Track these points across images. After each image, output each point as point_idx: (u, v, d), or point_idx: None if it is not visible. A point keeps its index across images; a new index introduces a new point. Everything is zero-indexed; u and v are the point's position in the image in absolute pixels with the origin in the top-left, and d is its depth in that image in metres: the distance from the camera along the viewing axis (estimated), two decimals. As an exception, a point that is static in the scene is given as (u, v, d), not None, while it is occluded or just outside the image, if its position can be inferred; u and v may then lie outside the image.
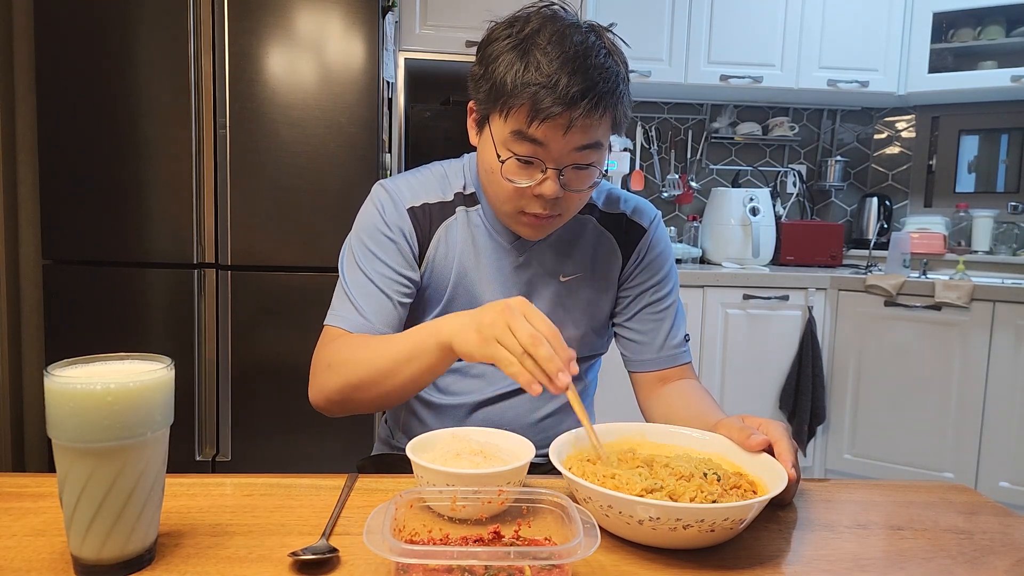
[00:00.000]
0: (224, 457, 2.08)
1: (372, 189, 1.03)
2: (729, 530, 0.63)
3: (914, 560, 0.65)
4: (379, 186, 1.03)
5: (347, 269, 0.99)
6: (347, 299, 0.97)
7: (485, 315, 0.75)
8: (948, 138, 3.16)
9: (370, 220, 1.00)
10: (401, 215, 1.00)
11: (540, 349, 0.70)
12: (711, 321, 2.66)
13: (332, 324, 0.96)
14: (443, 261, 1.01)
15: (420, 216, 1.01)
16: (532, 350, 0.70)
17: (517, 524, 0.62)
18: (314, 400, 0.93)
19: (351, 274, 0.98)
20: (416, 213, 1.00)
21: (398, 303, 0.97)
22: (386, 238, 0.98)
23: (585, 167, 0.89)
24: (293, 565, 0.59)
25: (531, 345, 0.70)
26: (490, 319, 0.74)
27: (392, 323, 0.97)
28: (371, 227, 0.99)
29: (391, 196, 1.01)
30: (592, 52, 0.84)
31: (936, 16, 2.83)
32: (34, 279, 2.21)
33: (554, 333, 0.72)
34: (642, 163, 3.23)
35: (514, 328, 0.72)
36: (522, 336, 0.71)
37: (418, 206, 1.01)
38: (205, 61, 1.98)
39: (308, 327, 2.07)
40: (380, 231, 0.98)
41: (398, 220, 0.99)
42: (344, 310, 0.96)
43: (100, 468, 0.55)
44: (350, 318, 0.95)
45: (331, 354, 0.91)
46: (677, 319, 1.07)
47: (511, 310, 0.73)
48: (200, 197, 2.01)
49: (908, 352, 2.57)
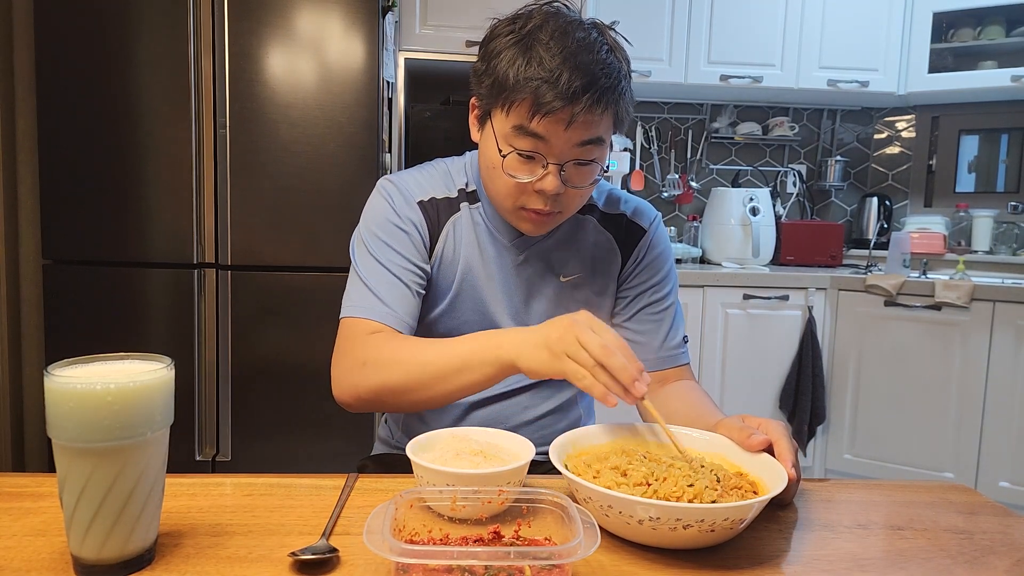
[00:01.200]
0: (224, 457, 2.08)
1: (377, 184, 1.02)
2: (729, 530, 0.63)
3: (914, 560, 0.65)
4: (385, 180, 1.02)
5: (360, 260, 0.97)
6: (366, 289, 0.94)
7: (552, 330, 0.75)
8: (948, 138, 3.16)
9: (380, 212, 0.99)
10: (412, 207, 0.99)
11: (613, 360, 0.70)
12: (711, 321, 2.66)
13: (355, 315, 0.93)
14: (451, 256, 1.01)
15: (430, 210, 1.00)
16: (605, 361, 0.71)
17: (517, 524, 0.62)
18: (340, 396, 0.90)
19: (366, 264, 0.96)
20: (426, 207, 1.00)
21: (416, 292, 0.96)
22: (398, 228, 0.97)
23: (586, 163, 0.89)
24: (293, 565, 0.59)
25: (603, 356, 0.71)
26: (558, 334, 0.74)
27: (412, 312, 0.95)
28: (382, 218, 0.98)
29: (399, 189, 1.00)
30: (594, 48, 0.84)
31: (936, 16, 2.83)
32: (34, 279, 2.21)
33: (623, 344, 0.73)
34: (642, 163, 3.23)
35: (584, 341, 0.72)
36: (594, 349, 0.71)
37: (427, 200, 1.01)
38: (205, 61, 1.98)
39: (308, 327, 2.08)
40: (391, 222, 0.98)
41: (409, 212, 0.99)
42: (365, 300, 0.93)
43: (100, 468, 0.55)
44: (374, 308, 0.92)
45: (367, 351, 0.88)
46: (676, 320, 1.07)
47: (578, 324, 0.73)
48: (200, 197, 2.01)
49: (908, 352, 2.57)
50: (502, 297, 1.01)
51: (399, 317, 0.93)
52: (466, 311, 1.01)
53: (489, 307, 1.01)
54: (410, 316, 0.95)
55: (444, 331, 1.01)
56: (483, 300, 1.01)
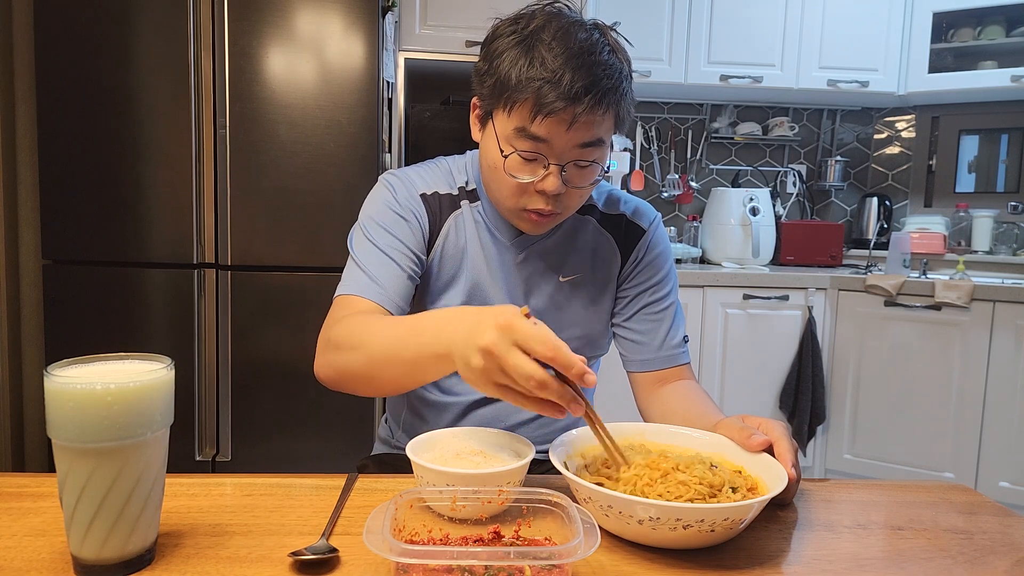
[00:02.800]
0: (224, 457, 2.08)
1: (380, 178, 1.03)
2: (729, 530, 0.63)
3: (914, 560, 0.65)
4: (388, 174, 1.03)
5: (356, 245, 0.98)
6: (358, 269, 0.94)
7: (473, 357, 0.64)
8: (948, 138, 3.16)
9: (381, 201, 0.99)
10: (415, 198, 1.00)
11: (547, 392, 0.63)
12: (711, 321, 2.66)
13: (344, 292, 0.93)
14: (452, 251, 1.01)
15: (432, 203, 1.01)
16: (537, 394, 0.63)
17: (517, 524, 0.62)
18: (317, 374, 0.89)
19: (361, 248, 0.97)
20: (429, 200, 1.01)
21: (410, 275, 0.96)
22: (398, 216, 0.98)
23: (587, 164, 0.90)
24: (293, 565, 0.59)
25: (537, 390, 0.63)
26: (481, 363, 0.64)
27: (403, 292, 0.94)
28: (382, 207, 0.99)
29: (402, 181, 1.01)
30: (596, 49, 0.84)
31: (936, 16, 2.83)
32: (34, 279, 2.21)
33: (555, 348, 0.62)
34: (642, 163, 3.23)
35: (510, 371, 0.62)
36: (523, 383, 0.62)
37: (430, 194, 1.01)
38: (205, 61, 1.98)
39: (308, 327, 2.08)
40: (391, 209, 0.98)
41: (410, 203, 0.99)
42: (355, 279, 0.94)
43: (100, 468, 0.55)
44: (360, 283, 0.92)
45: (339, 332, 0.86)
46: (676, 320, 1.08)
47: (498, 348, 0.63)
48: (200, 197, 2.01)
49: (908, 352, 2.57)
50: (504, 295, 1.01)
51: (387, 296, 0.92)
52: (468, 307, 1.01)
53: (492, 304, 1.01)
54: (400, 296, 0.93)
55: None
56: (485, 298, 1.01)
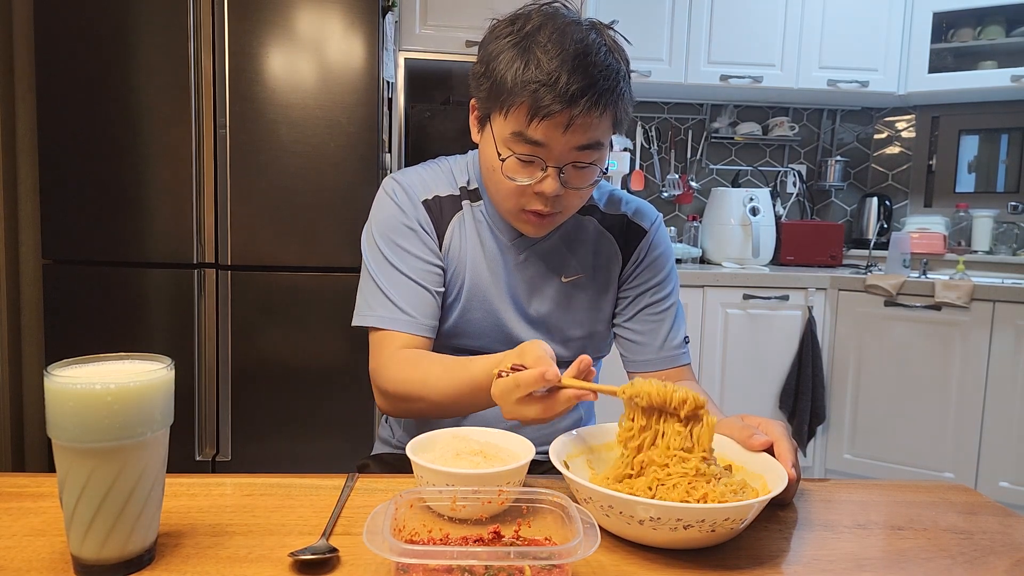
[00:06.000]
0: (224, 457, 2.08)
1: (383, 183, 1.04)
2: (729, 530, 0.63)
3: (914, 560, 0.65)
4: (390, 179, 1.03)
5: (376, 266, 1.00)
6: (383, 296, 0.97)
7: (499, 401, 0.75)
8: (948, 138, 3.16)
9: (389, 214, 1.00)
10: (417, 207, 1.01)
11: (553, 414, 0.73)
12: (711, 321, 2.66)
13: (382, 327, 0.97)
14: (457, 253, 1.02)
15: (434, 208, 1.02)
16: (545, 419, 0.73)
17: (517, 524, 0.62)
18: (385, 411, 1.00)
19: (382, 271, 0.99)
20: (430, 206, 1.02)
21: (435, 292, 0.99)
22: (409, 229, 0.99)
23: (585, 165, 0.89)
24: (293, 565, 0.59)
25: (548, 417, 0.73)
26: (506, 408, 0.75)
27: (435, 312, 0.99)
28: (392, 220, 1.00)
29: (404, 189, 1.02)
30: (592, 50, 0.84)
31: (936, 16, 2.83)
32: (34, 279, 2.21)
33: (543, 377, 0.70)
34: (642, 163, 3.23)
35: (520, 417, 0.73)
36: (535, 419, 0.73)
37: (431, 199, 1.02)
38: (205, 61, 1.98)
39: (308, 327, 2.08)
40: (402, 223, 1.00)
41: (415, 212, 1.00)
42: (383, 309, 0.97)
43: (100, 468, 0.55)
44: (397, 319, 0.96)
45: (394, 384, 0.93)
46: (677, 320, 1.08)
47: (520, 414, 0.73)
48: (200, 197, 2.01)
49: (908, 352, 2.57)
50: (506, 295, 1.02)
51: (419, 323, 0.97)
52: (472, 308, 1.02)
53: (494, 304, 1.01)
54: (432, 317, 0.99)
55: (451, 327, 1.02)
56: (488, 298, 1.01)
